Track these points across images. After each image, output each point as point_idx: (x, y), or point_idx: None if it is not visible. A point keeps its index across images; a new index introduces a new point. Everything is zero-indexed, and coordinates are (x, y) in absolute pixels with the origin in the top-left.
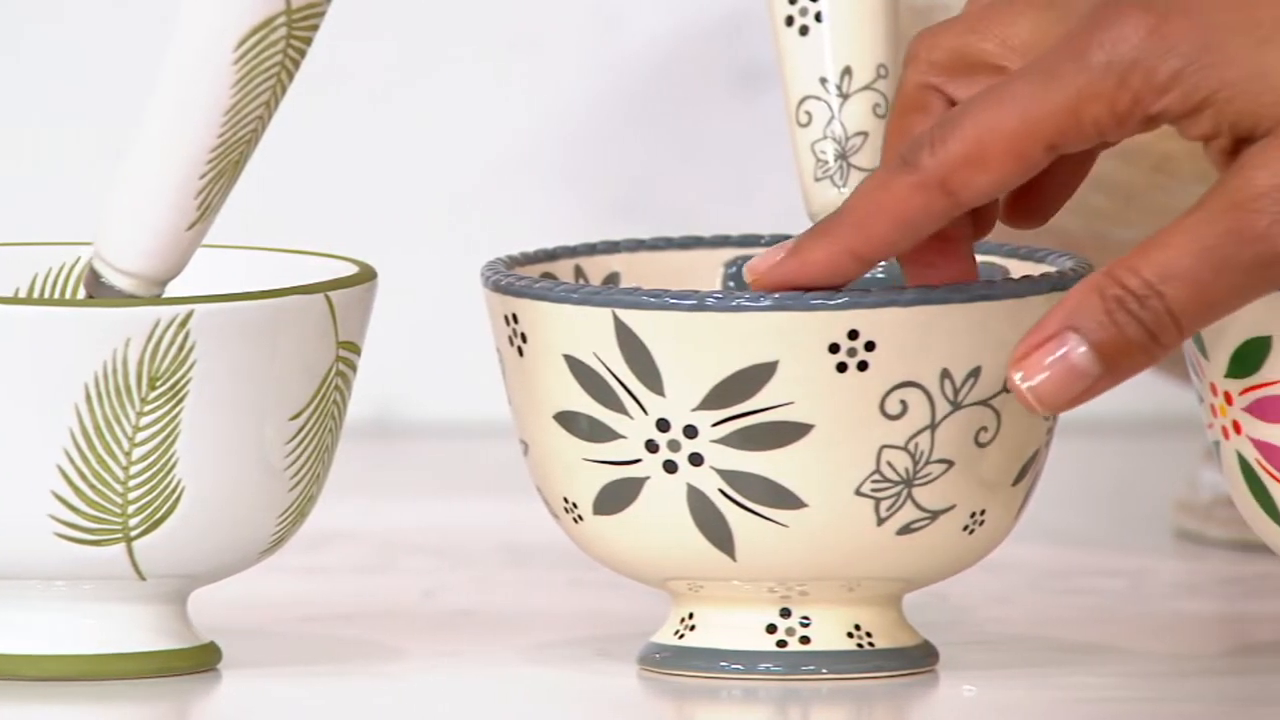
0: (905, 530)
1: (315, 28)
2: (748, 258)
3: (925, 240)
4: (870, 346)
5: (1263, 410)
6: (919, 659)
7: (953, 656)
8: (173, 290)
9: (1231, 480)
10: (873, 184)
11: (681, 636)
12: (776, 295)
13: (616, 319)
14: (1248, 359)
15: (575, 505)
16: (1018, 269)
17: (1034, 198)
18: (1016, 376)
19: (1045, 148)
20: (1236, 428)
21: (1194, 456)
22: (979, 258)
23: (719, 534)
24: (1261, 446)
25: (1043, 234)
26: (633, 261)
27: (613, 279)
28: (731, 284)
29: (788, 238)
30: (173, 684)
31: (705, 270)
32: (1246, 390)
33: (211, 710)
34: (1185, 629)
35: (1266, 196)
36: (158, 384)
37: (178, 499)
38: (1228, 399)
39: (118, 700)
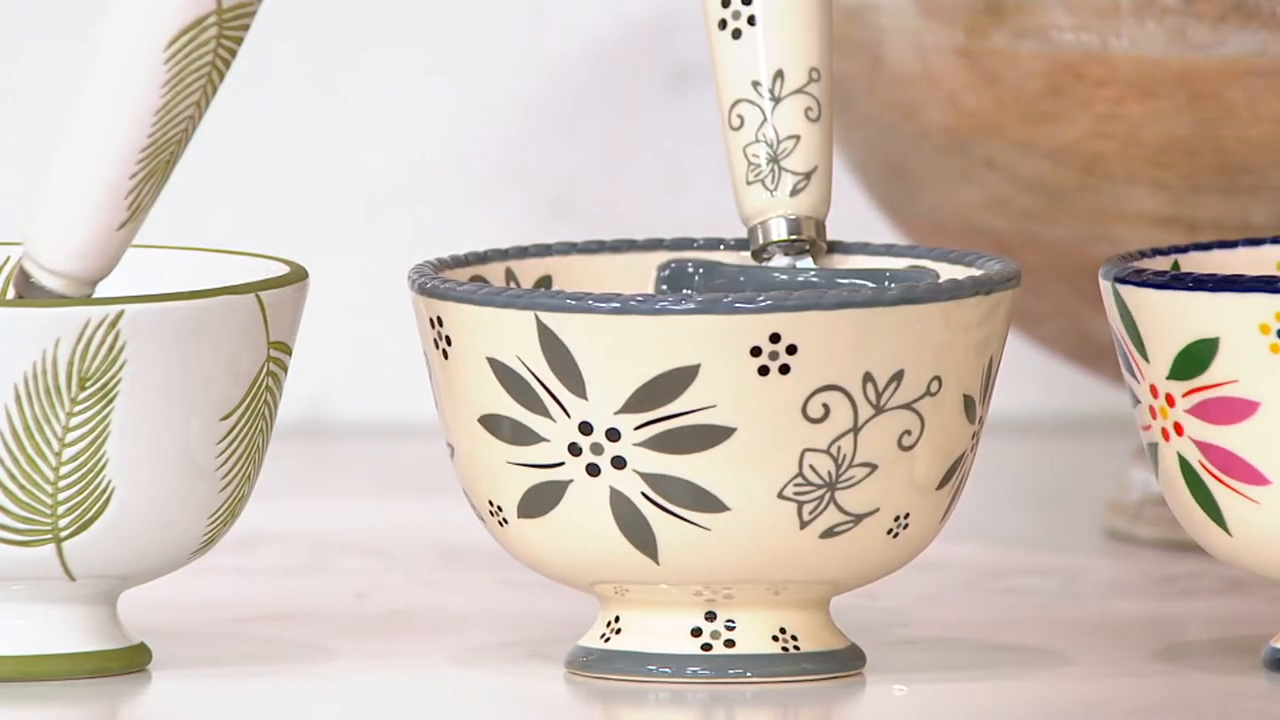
0: (828, 534)
1: (246, 27)
2: (682, 261)
3: None
4: (792, 350)
5: (1207, 412)
6: (846, 662)
7: (881, 658)
8: (103, 290)
9: (1169, 482)
10: None
11: (608, 640)
12: (699, 298)
13: (539, 322)
14: (1192, 361)
15: (500, 508)
16: (947, 272)
17: None
18: None
19: None
20: (1178, 429)
21: (1124, 456)
22: (907, 261)
23: (642, 537)
24: (1204, 448)
25: (971, 235)
26: (565, 265)
27: (544, 282)
28: (664, 287)
29: (721, 241)
30: (103, 685)
31: (638, 273)
32: (1190, 392)
33: (141, 711)
34: (1116, 629)
35: None
36: (88, 384)
37: (108, 500)
38: (1169, 401)
39: (47, 701)
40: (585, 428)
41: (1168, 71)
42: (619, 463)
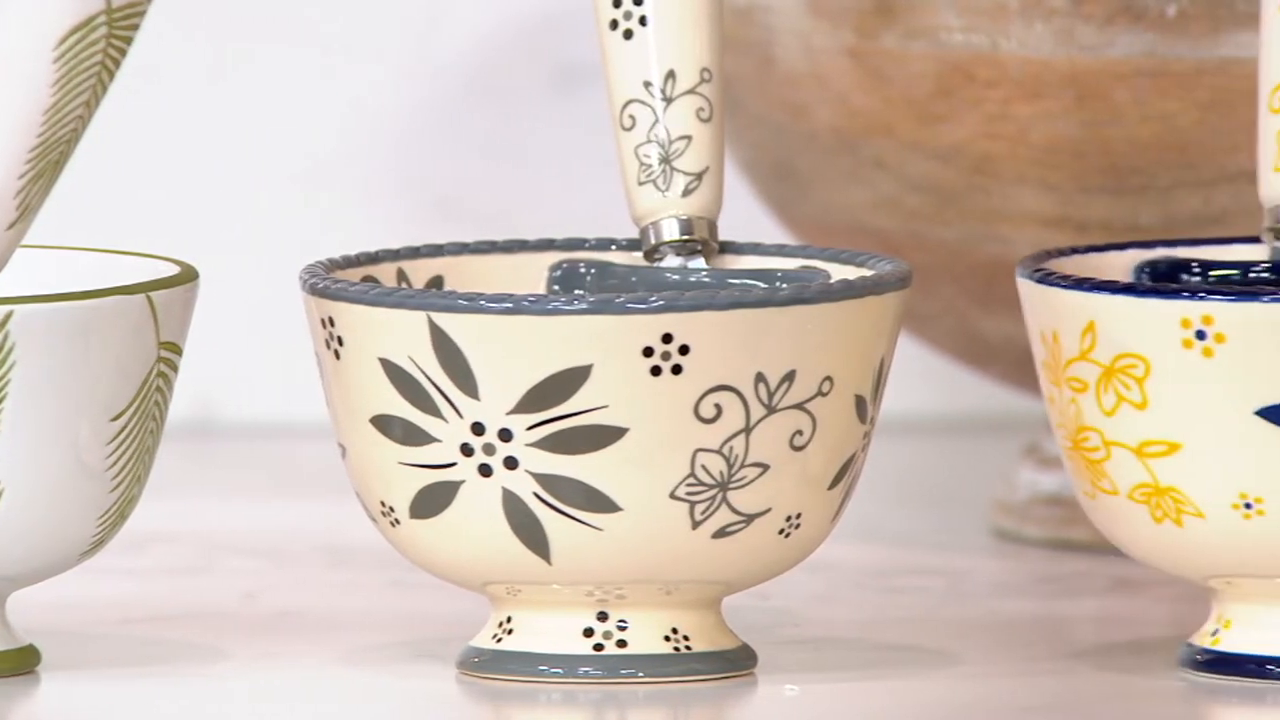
0: (721, 534)
1: (136, 27)
2: (573, 261)
3: None
4: (684, 350)
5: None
6: (737, 662)
7: (773, 658)
8: None
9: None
10: None
11: (499, 640)
12: (591, 298)
13: (431, 323)
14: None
15: (392, 509)
16: (838, 272)
17: None
18: None
19: None
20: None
21: (1012, 456)
22: (798, 261)
23: (534, 538)
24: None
25: (860, 235)
26: (457, 265)
27: (436, 282)
28: (556, 287)
29: (613, 241)
30: None
31: (530, 274)
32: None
33: (30, 713)
34: (1004, 628)
35: None
36: None
37: None
38: None
39: None
40: (477, 428)
41: (1056, 72)
42: (511, 463)
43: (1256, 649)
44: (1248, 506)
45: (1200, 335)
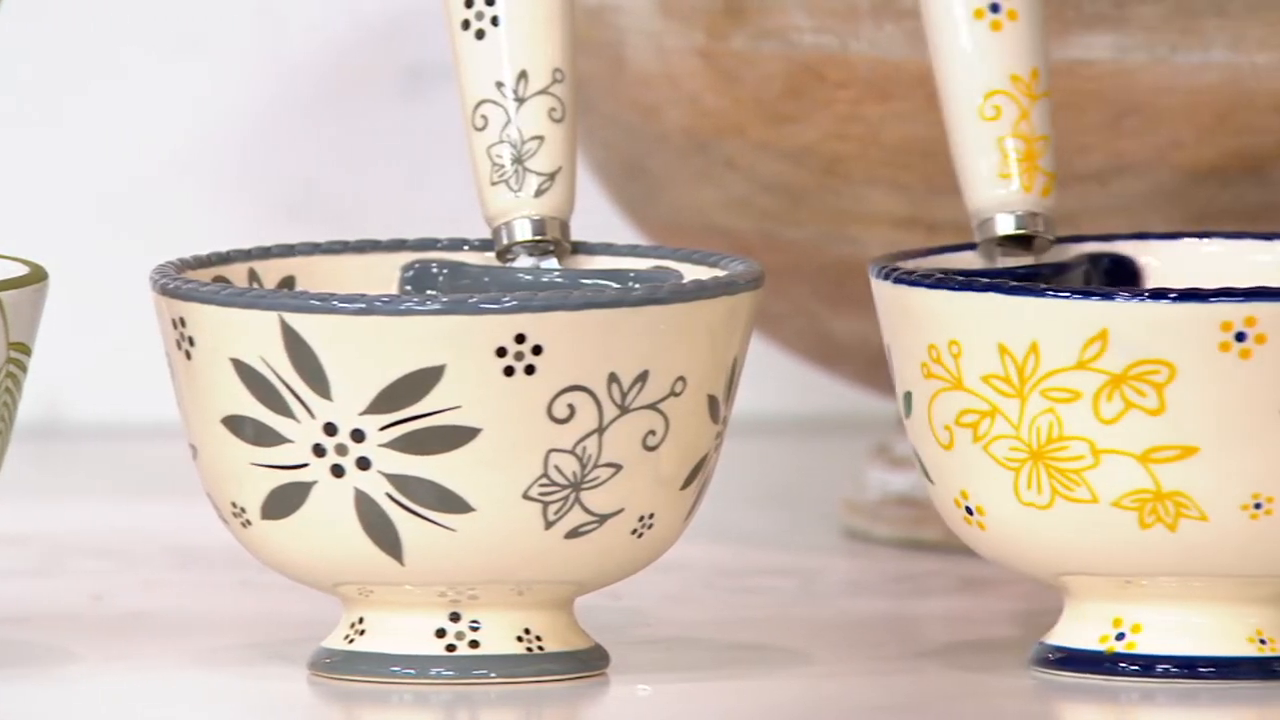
0: (573, 534)
1: None
2: (426, 261)
3: None
4: (538, 350)
5: None
6: (590, 662)
7: (625, 658)
8: None
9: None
10: None
11: (351, 641)
12: (444, 299)
13: (283, 323)
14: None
15: (244, 510)
16: (690, 272)
17: None
18: None
19: None
20: None
21: (862, 456)
22: (651, 261)
23: (387, 538)
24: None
25: (711, 236)
26: (308, 265)
27: (288, 283)
28: (409, 288)
29: (465, 241)
30: None
31: (382, 274)
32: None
33: None
34: (855, 627)
35: None
36: None
37: None
38: None
39: None
40: (330, 429)
41: (906, 73)
42: (364, 464)
43: (1174, 650)
44: (1257, 507)
45: (1240, 337)
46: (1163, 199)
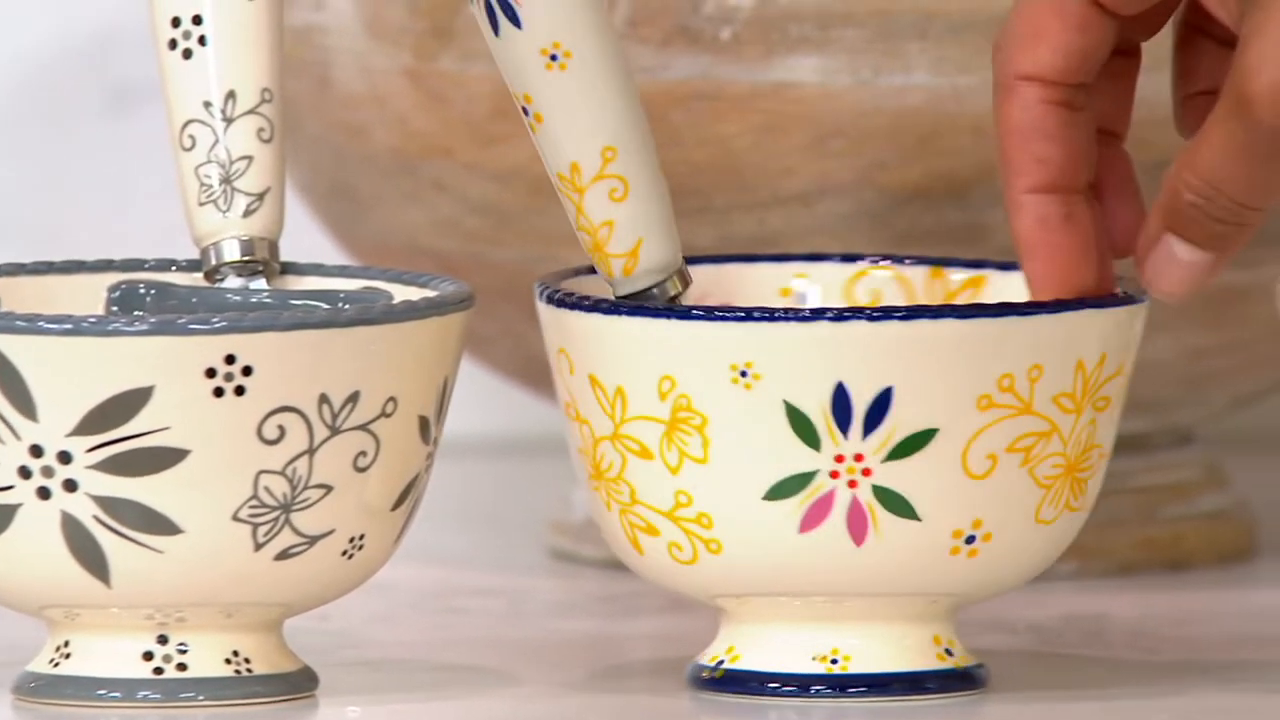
0: (283, 555)
1: None
2: (133, 282)
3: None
4: (248, 371)
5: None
6: (299, 684)
7: (334, 680)
8: None
9: None
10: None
11: (57, 665)
12: (153, 319)
13: None
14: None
15: None
16: (400, 293)
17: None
18: (1147, 280)
19: None
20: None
21: (568, 477)
22: (360, 282)
23: (94, 561)
24: None
25: (419, 257)
26: (14, 285)
27: None
28: (115, 309)
29: (173, 261)
30: None
31: (89, 294)
32: None
33: None
34: (562, 648)
35: (1267, 94)
36: None
37: None
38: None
39: None
40: (36, 450)
41: None
42: (70, 486)
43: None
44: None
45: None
46: (867, 220)
